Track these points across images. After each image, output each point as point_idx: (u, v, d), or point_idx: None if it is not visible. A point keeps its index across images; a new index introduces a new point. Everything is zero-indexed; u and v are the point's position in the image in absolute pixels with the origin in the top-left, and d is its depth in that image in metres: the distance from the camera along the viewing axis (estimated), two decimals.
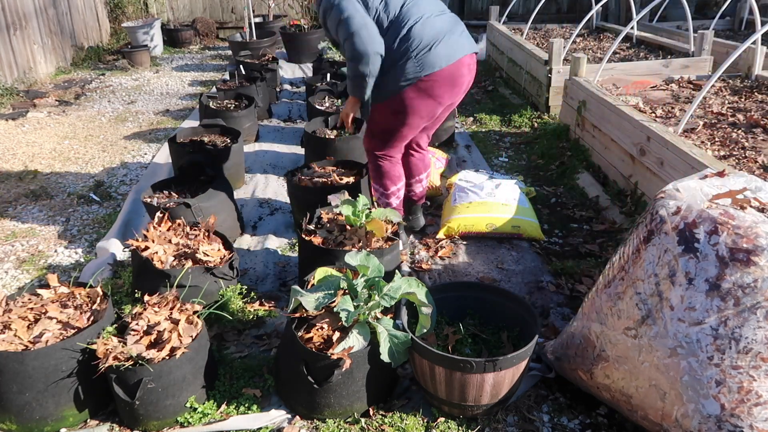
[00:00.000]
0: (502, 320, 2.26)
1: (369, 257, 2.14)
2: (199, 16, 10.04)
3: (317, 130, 4.27)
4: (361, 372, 2.02)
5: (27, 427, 2.02)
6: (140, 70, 7.86)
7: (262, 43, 7.71)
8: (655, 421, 1.82)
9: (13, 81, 6.44)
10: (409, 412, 2.11)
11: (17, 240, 3.45)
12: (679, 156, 3.03)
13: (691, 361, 1.66)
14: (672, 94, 4.47)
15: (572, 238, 3.33)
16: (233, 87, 5.39)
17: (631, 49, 6.42)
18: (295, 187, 3.32)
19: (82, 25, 8.46)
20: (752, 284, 1.56)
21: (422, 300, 2.08)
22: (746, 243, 1.56)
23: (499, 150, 4.78)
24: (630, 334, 1.80)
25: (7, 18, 6.35)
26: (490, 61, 7.76)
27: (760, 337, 1.58)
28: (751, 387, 1.61)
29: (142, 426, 2.05)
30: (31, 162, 4.62)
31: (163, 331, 2.06)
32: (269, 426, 2.08)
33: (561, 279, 2.93)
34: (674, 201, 1.73)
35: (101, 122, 5.68)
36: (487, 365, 1.89)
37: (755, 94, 4.32)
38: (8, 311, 2.14)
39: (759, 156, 3.20)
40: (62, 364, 1.97)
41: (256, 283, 2.98)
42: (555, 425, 2.07)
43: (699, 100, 3.26)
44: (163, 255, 2.59)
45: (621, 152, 3.73)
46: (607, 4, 9.56)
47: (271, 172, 4.41)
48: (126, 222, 3.53)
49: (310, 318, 2.14)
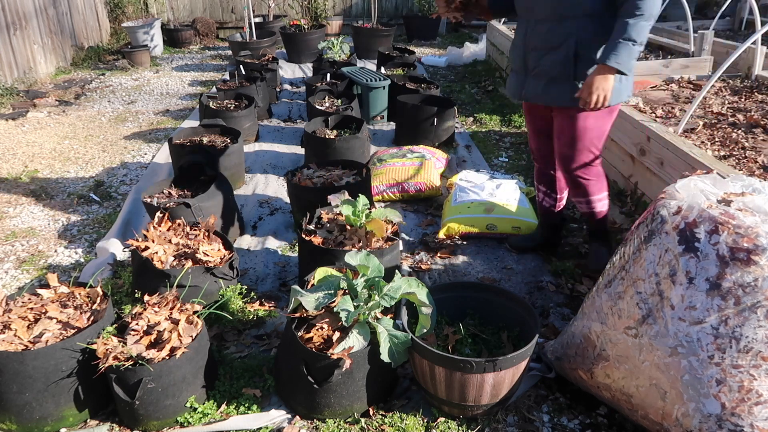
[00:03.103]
0: (502, 320, 2.26)
1: (369, 257, 2.14)
2: (199, 16, 10.05)
3: (317, 130, 4.27)
4: (361, 372, 2.02)
5: (27, 427, 2.02)
6: (140, 70, 7.86)
7: (262, 43, 7.72)
8: (656, 420, 1.82)
9: (13, 81, 6.44)
10: (409, 412, 2.11)
11: (17, 240, 3.44)
12: (679, 156, 3.03)
13: (692, 360, 1.66)
14: (672, 94, 4.47)
15: (572, 238, 3.33)
16: (233, 87, 5.39)
17: None
18: (295, 187, 3.32)
19: (82, 25, 8.46)
20: (753, 283, 1.56)
21: (422, 300, 2.08)
22: (746, 242, 1.56)
23: (499, 150, 4.78)
24: (630, 333, 1.80)
25: (7, 18, 6.35)
26: (490, 61, 7.76)
27: (761, 336, 1.58)
28: (752, 386, 1.61)
29: (142, 426, 2.05)
30: (31, 162, 4.62)
31: (163, 331, 2.06)
32: (269, 426, 2.07)
33: (561, 279, 2.93)
34: (675, 201, 1.73)
35: (101, 122, 5.68)
36: (487, 365, 1.89)
37: (755, 94, 4.32)
38: (8, 311, 2.13)
39: (759, 156, 3.20)
40: (62, 364, 1.97)
41: (256, 283, 2.98)
42: (555, 425, 2.07)
43: (699, 100, 3.26)
44: (163, 255, 2.59)
45: (621, 152, 3.73)
46: None
47: (271, 172, 4.41)
48: (126, 222, 3.53)
49: (310, 318, 2.14)
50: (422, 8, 9.73)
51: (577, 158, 2.54)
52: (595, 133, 2.47)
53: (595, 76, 2.24)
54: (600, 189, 2.66)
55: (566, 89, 2.39)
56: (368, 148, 4.27)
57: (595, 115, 2.42)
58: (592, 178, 2.61)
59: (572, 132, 2.48)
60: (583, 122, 2.43)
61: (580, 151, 2.51)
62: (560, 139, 2.55)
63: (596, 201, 2.68)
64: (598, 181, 2.63)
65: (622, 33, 2.18)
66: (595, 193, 2.65)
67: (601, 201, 2.70)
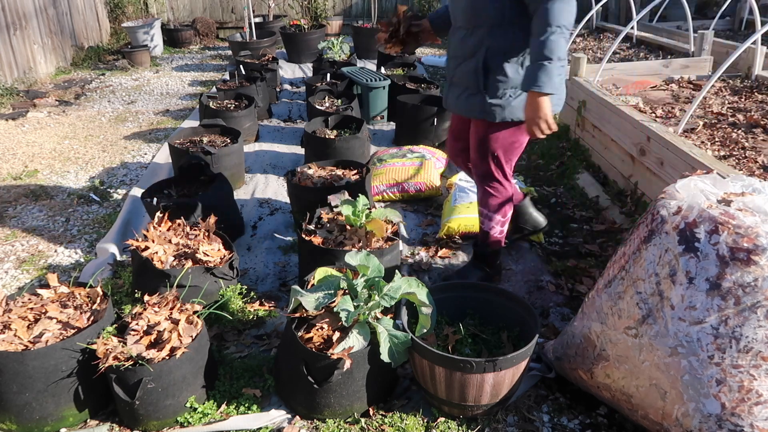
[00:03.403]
0: (502, 320, 2.26)
1: (369, 257, 2.14)
2: (199, 16, 10.05)
3: (317, 130, 4.27)
4: (361, 372, 2.02)
5: (27, 427, 2.02)
6: (140, 70, 7.86)
7: (262, 43, 7.72)
8: (656, 420, 1.82)
9: (13, 81, 6.44)
10: (409, 412, 2.11)
11: (17, 240, 3.44)
12: (679, 156, 3.03)
13: (692, 360, 1.66)
14: (672, 94, 4.47)
15: (572, 238, 3.33)
16: (233, 87, 5.39)
17: (631, 49, 6.43)
18: (295, 187, 3.32)
19: (82, 25, 8.46)
20: (753, 283, 1.56)
21: (422, 300, 2.08)
22: (746, 242, 1.56)
23: None
24: (630, 333, 1.80)
25: (7, 18, 6.35)
26: None
27: (761, 336, 1.58)
28: (752, 386, 1.61)
29: (142, 426, 2.05)
30: (31, 162, 4.62)
31: (163, 331, 2.06)
32: (269, 426, 2.07)
33: (561, 279, 2.93)
34: (675, 201, 1.73)
35: (101, 122, 5.68)
36: (487, 365, 1.89)
37: (755, 94, 4.32)
38: (8, 311, 2.13)
39: (759, 156, 3.20)
40: (62, 364, 1.97)
41: (256, 283, 2.98)
42: (555, 425, 2.07)
43: (699, 100, 3.26)
44: (163, 255, 2.59)
45: (621, 152, 3.73)
46: (607, 4, 9.56)
47: (271, 172, 4.41)
48: (126, 222, 3.53)
49: (310, 318, 2.14)
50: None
51: (482, 166, 2.53)
52: (502, 145, 2.44)
53: (527, 108, 2.20)
54: (500, 210, 2.62)
55: (477, 101, 2.37)
56: (368, 148, 4.27)
57: (505, 127, 2.40)
58: (497, 194, 2.58)
59: (480, 141, 2.47)
60: (492, 133, 2.42)
61: (487, 160, 2.49)
62: (472, 146, 2.55)
63: (495, 222, 2.64)
64: (502, 201, 2.60)
65: (536, 55, 2.12)
66: (495, 210, 2.61)
67: (498, 223, 2.66)
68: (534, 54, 2.14)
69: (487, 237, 2.71)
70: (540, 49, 2.10)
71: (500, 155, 2.47)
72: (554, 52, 2.09)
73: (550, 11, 2.07)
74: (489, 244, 2.73)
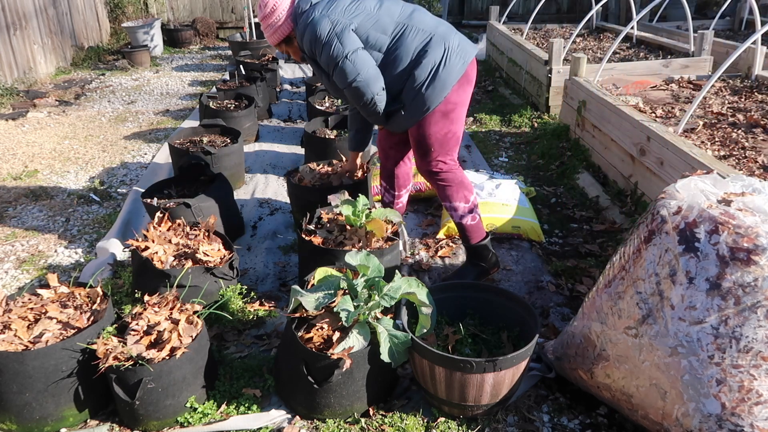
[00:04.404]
0: (502, 320, 2.26)
1: (369, 257, 2.14)
2: (199, 16, 10.05)
3: (317, 130, 4.27)
4: (361, 372, 2.02)
5: (27, 427, 2.02)
6: (140, 70, 7.86)
7: (262, 43, 7.71)
8: (656, 420, 1.82)
9: (13, 81, 6.44)
10: (409, 412, 2.11)
11: (17, 240, 3.44)
12: (679, 156, 3.03)
13: (692, 360, 1.66)
14: (672, 94, 4.47)
15: (572, 238, 3.33)
16: (233, 87, 5.39)
17: (631, 49, 6.43)
18: (295, 187, 3.32)
19: (82, 25, 8.46)
20: (753, 283, 1.56)
21: (422, 300, 2.08)
22: (746, 242, 1.56)
23: (499, 150, 4.78)
24: (630, 333, 1.80)
25: (7, 18, 6.35)
26: (489, 61, 7.76)
27: (761, 336, 1.58)
28: (752, 386, 1.61)
29: (142, 426, 2.05)
30: (31, 162, 4.62)
31: (163, 331, 2.06)
32: (269, 426, 2.07)
33: (561, 279, 2.93)
34: (675, 201, 1.73)
35: (101, 122, 5.68)
36: (487, 365, 1.89)
37: (755, 94, 4.32)
38: (8, 311, 2.13)
39: (759, 156, 3.20)
40: (62, 364, 1.97)
41: (256, 283, 2.98)
42: (555, 425, 2.07)
43: (699, 100, 3.26)
44: (163, 255, 2.59)
45: (621, 152, 3.73)
46: (607, 4, 9.56)
47: (271, 172, 4.41)
48: (126, 222, 3.52)
49: (310, 318, 2.14)
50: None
51: (425, 160, 2.70)
52: (437, 137, 2.62)
53: None
54: (459, 196, 2.74)
55: (399, 119, 2.63)
56: (368, 148, 4.27)
57: (433, 122, 2.59)
58: (449, 183, 2.72)
59: (417, 138, 2.66)
60: (424, 130, 2.62)
61: (428, 152, 2.67)
62: (413, 146, 2.75)
63: (459, 208, 2.76)
64: (457, 188, 2.73)
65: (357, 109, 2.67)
66: (455, 198, 2.74)
67: (463, 208, 2.76)
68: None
69: (464, 229, 2.79)
70: (355, 104, 2.66)
71: (440, 143, 2.68)
72: (358, 98, 2.56)
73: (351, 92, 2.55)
74: (470, 237, 2.80)
